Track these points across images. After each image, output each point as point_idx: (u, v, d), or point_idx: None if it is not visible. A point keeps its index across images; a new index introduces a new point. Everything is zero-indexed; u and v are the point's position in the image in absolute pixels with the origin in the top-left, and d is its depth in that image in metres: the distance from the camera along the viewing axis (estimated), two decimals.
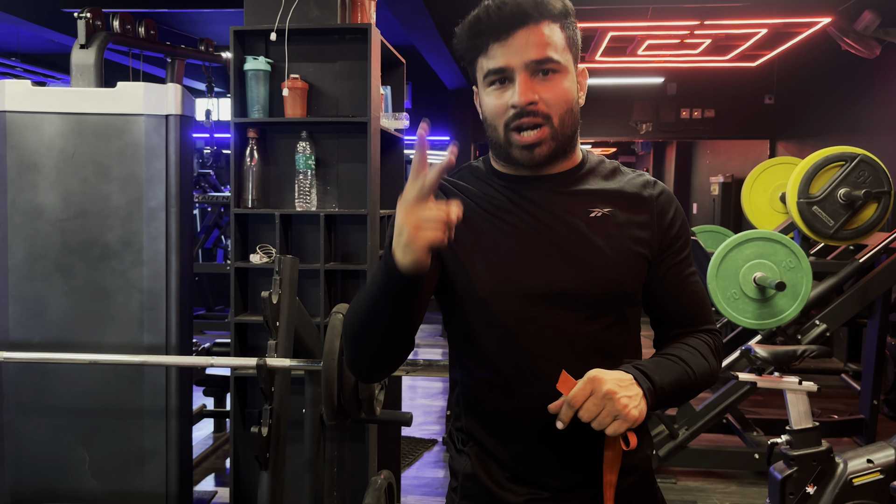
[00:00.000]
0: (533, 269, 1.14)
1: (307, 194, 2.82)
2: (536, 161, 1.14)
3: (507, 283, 1.13)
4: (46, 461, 2.72)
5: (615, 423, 1.03)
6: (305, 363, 2.15)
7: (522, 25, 1.10)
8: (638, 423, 1.04)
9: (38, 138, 2.69)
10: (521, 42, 1.10)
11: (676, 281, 1.20)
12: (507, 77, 1.12)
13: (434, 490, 3.68)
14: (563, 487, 1.15)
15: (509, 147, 1.14)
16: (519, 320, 1.13)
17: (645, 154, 14.47)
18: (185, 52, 3.90)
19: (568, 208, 1.17)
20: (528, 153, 1.13)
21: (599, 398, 1.02)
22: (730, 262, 3.40)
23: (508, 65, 1.11)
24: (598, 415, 1.03)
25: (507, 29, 1.10)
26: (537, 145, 1.13)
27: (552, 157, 1.15)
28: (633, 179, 1.22)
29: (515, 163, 1.16)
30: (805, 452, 2.68)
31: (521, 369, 1.14)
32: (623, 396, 1.03)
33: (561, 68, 1.13)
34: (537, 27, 1.11)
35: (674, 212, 1.21)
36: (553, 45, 1.12)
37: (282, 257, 2.09)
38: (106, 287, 2.69)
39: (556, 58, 1.12)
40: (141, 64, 3.56)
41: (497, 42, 1.11)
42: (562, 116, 1.13)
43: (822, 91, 7.11)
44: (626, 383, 1.05)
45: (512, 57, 1.11)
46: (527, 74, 1.11)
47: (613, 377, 1.04)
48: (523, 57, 1.10)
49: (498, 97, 1.13)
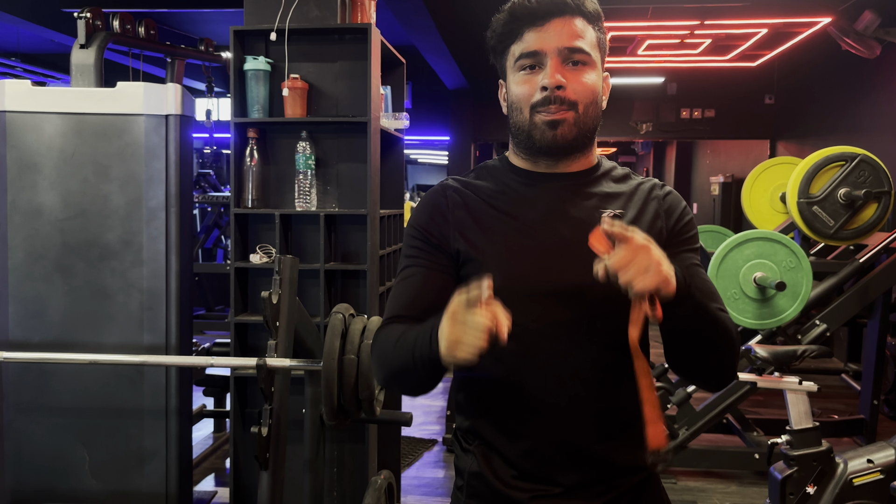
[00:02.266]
0: (544, 268, 1.15)
1: (307, 194, 2.82)
2: (559, 142, 1.15)
3: (517, 282, 1.14)
4: (46, 461, 2.72)
5: (646, 277, 0.97)
6: (305, 363, 2.15)
7: (560, 14, 1.15)
8: (668, 286, 0.99)
9: (38, 138, 2.69)
10: (557, 29, 1.14)
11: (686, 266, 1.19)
12: (538, 62, 1.15)
13: (434, 490, 3.68)
14: (572, 485, 1.15)
15: (533, 129, 1.16)
16: (529, 318, 1.14)
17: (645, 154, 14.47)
18: (185, 52, 3.90)
19: (581, 208, 1.18)
20: (550, 131, 1.15)
21: (634, 248, 0.97)
22: (730, 262, 3.40)
23: (542, 48, 1.14)
24: (630, 263, 0.97)
25: (544, 16, 1.15)
26: (560, 124, 1.14)
27: (573, 144, 1.17)
28: (643, 184, 1.24)
29: (536, 147, 1.17)
30: (805, 452, 2.67)
31: (530, 367, 1.14)
32: (657, 253, 0.99)
33: (590, 61, 1.16)
34: (572, 19, 1.15)
35: (682, 209, 1.23)
36: (585, 39, 1.16)
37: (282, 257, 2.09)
38: (106, 287, 2.69)
39: (587, 49, 1.15)
40: (141, 64, 3.56)
41: (532, 27, 1.15)
42: (587, 106, 1.16)
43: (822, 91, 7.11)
44: (660, 251, 1.01)
45: (546, 42, 1.14)
46: (558, 60, 1.14)
47: None
48: (557, 43, 1.14)
49: (527, 80, 1.16)
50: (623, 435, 1.17)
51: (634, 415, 1.18)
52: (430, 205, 1.23)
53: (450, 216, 1.20)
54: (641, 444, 1.19)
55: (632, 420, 1.17)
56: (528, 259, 1.15)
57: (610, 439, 1.14)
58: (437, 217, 1.21)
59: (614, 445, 1.16)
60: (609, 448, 1.15)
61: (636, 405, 1.18)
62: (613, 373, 1.16)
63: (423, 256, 1.20)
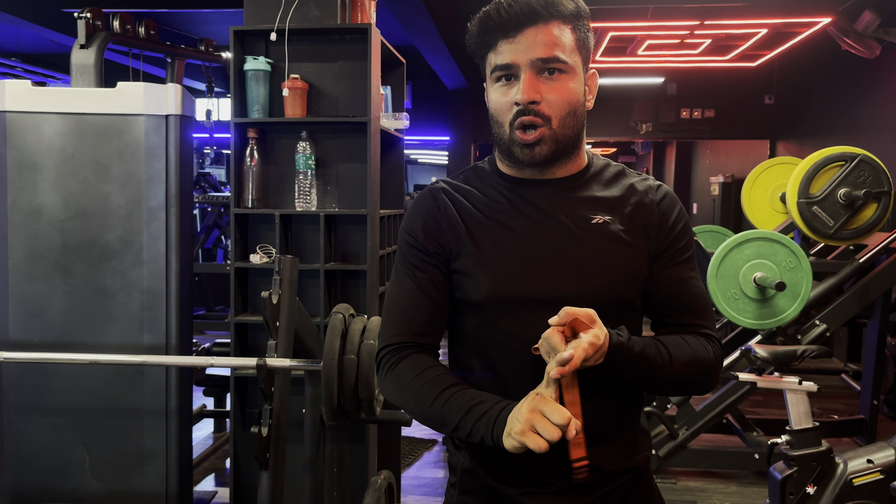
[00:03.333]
0: (533, 276, 1.14)
1: (307, 194, 2.82)
2: (537, 160, 1.15)
3: (507, 289, 1.14)
4: (46, 461, 2.72)
5: None
6: (305, 363, 2.15)
7: (531, 24, 1.11)
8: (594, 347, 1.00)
9: (38, 138, 2.69)
10: (529, 40, 1.11)
11: (675, 282, 1.19)
12: (513, 74, 1.13)
13: (434, 490, 3.68)
14: (564, 487, 1.15)
15: (512, 145, 1.15)
16: (519, 325, 1.14)
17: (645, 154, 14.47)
18: (185, 52, 3.90)
19: (570, 214, 1.17)
20: (529, 151, 1.14)
21: None
22: (730, 262, 3.40)
23: (515, 62, 1.12)
24: None
25: (516, 26, 1.11)
26: (537, 144, 1.13)
27: (554, 157, 1.16)
28: (637, 184, 1.22)
29: (518, 161, 1.17)
30: (805, 452, 2.67)
31: (521, 373, 1.13)
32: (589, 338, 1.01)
33: (567, 69, 1.13)
34: (546, 26, 1.12)
35: (676, 215, 1.21)
36: (561, 46, 1.12)
37: (282, 257, 2.09)
38: (106, 287, 2.69)
39: (563, 58, 1.12)
40: (141, 64, 3.56)
41: (505, 38, 1.12)
42: (562, 119, 1.14)
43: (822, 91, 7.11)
44: None
45: (519, 54, 1.12)
46: (532, 73, 1.12)
47: None
48: (529, 55, 1.11)
49: (504, 94, 1.14)
50: (612, 437, 1.17)
51: (623, 418, 1.19)
52: (423, 209, 1.22)
53: (443, 220, 1.19)
54: (631, 447, 1.20)
55: (621, 423, 1.19)
56: (517, 266, 1.15)
57: (599, 442, 1.14)
58: (431, 222, 1.20)
59: (603, 448, 1.15)
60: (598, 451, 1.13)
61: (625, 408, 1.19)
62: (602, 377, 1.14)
63: (423, 268, 1.19)
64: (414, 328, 1.18)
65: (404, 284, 1.20)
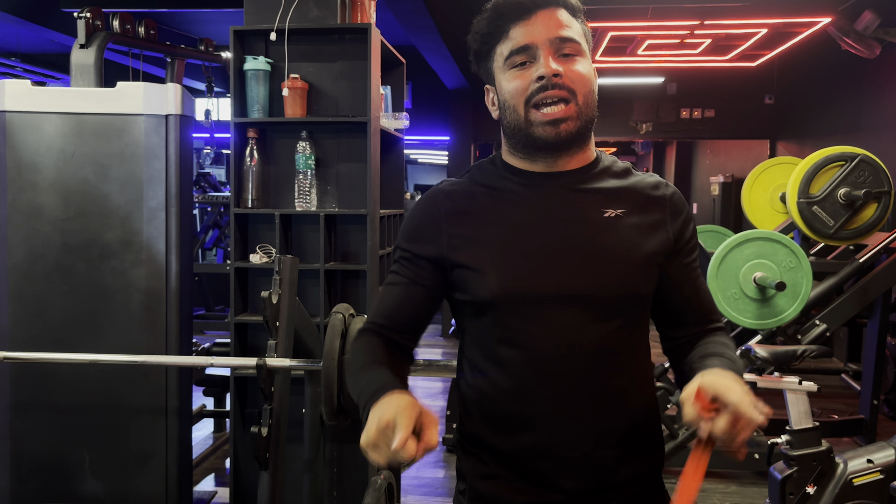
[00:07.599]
0: (544, 271, 1.12)
1: (307, 194, 2.82)
2: (562, 137, 1.12)
3: (518, 286, 1.11)
4: (46, 461, 2.72)
5: (744, 434, 1.00)
6: (305, 363, 2.15)
7: (544, 6, 1.13)
8: None
9: (37, 138, 2.69)
10: (544, 20, 1.12)
11: (690, 280, 1.20)
12: (529, 57, 1.12)
13: (434, 490, 3.68)
14: (577, 490, 1.13)
15: (530, 126, 1.12)
16: (530, 322, 1.11)
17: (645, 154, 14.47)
18: (185, 52, 3.90)
19: (582, 207, 1.15)
20: (552, 128, 1.11)
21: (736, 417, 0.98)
22: (730, 262, 3.40)
23: (532, 42, 1.12)
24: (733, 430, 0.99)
25: (529, 9, 1.12)
26: (563, 121, 1.11)
27: (577, 137, 1.13)
28: (645, 179, 1.21)
29: (536, 145, 1.13)
30: (805, 452, 2.67)
31: (532, 371, 1.12)
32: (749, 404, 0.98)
33: (581, 52, 1.14)
34: (556, 10, 1.13)
35: (686, 213, 1.21)
36: (573, 29, 1.14)
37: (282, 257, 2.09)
38: (106, 287, 2.69)
39: (577, 38, 1.13)
40: (141, 64, 3.56)
41: (518, 22, 1.12)
42: (586, 95, 1.12)
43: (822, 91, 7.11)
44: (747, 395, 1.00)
45: (535, 34, 1.12)
46: (551, 50, 1.11)
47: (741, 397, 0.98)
48: (547, 34, 1.11)
49: (520, 76, 1.13)
50: (625, 442, 1.15)
51: (636, 422, 1.17)
52: (422, 214, 1.20)
53: (442, 225, 1.17)
54: (643, 452, 1.18)
55: (634, 427, 1.16)
56: (529, 263, 1.12)
57: (612, 446, 1.12)
58: (428, 229, 1.18)
59: (616, 452, 1.14)
60: (611, 455, 1.13)
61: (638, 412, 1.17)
62: (616, 378, 1.14)
63: (410, 268, 1.19)
64: (380, 319, 1.20)
65: (388, 279, 1.22)
